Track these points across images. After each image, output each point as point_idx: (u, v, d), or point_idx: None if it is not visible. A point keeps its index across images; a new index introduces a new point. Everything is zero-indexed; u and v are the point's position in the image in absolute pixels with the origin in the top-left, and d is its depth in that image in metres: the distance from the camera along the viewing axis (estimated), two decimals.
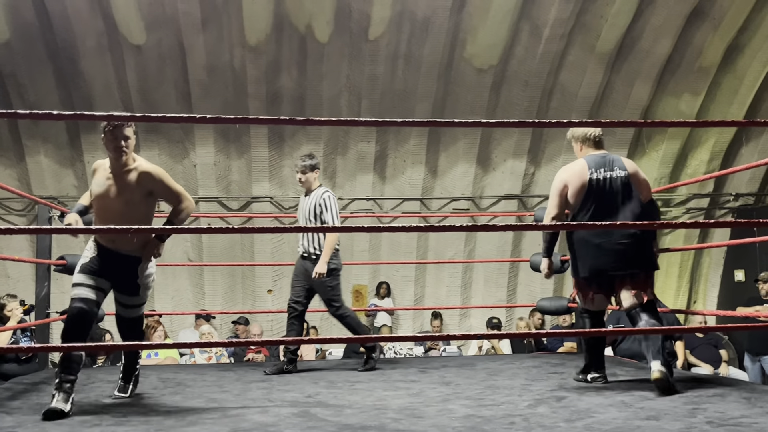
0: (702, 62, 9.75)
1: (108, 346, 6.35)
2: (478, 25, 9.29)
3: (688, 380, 4.34)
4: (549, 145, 10.27)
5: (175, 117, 2.78)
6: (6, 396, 4.21)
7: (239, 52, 9.27)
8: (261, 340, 2.79)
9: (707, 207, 10.82)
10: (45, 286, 5.53)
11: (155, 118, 2.73)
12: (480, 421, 3.25)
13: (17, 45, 8.94)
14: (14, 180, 9.59)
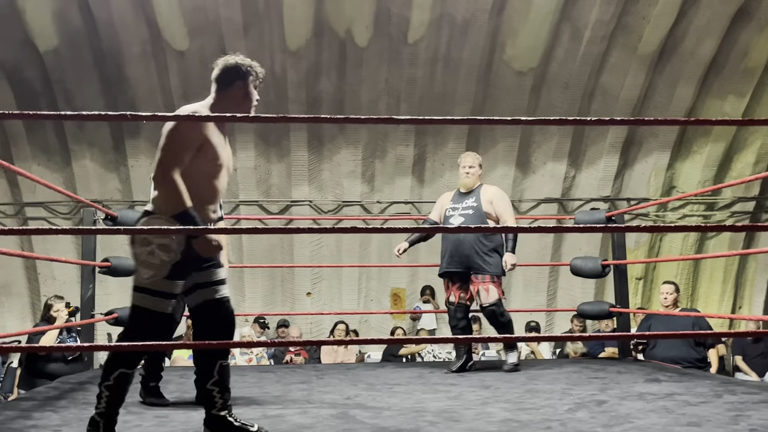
0: (748, 63, 9.57)
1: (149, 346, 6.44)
2: (517, 28, 9.25)
3: (732, 386, 4.27)
4: (590, 148, 10.17)
5: (217, 116, 2.82)
6: (53, 395, 4.31)
7: (280, 57, 9.37)
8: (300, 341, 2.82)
9: (753, 210, 10.60)
10: (90, 287, 5.63)
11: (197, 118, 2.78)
12: (517, 426, 3.23)
13: (65, 52, 9.16)
14: (60, 184, 9.81)
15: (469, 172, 5.49)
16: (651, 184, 10.37)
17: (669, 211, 10.58)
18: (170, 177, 2.94)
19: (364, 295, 10.41)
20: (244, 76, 3.25)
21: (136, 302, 2.99)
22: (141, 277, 2.96)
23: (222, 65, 3.26)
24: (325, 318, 9.89)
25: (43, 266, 9.98)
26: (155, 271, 2.94)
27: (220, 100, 3.24)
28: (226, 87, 3.24)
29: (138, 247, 2.95)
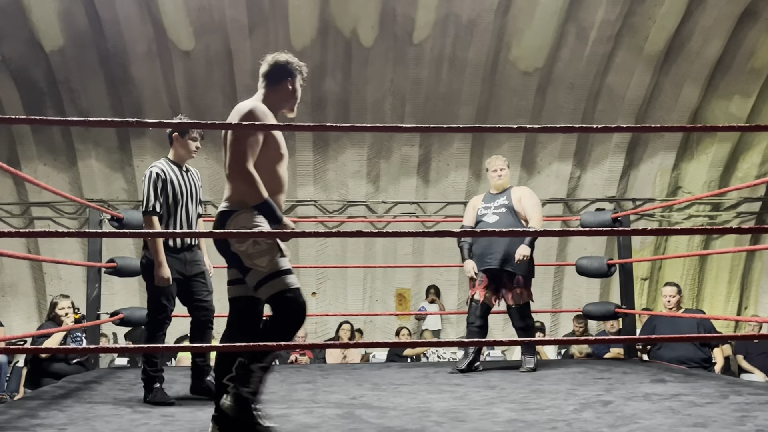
0: (754, 63, 9.54)
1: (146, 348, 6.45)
2: (523, 28, 9.24)
3: (738, 386, 4.25)
4: (595, 148, 10.15)
5: (220, 124, 2.83)
6: (59, 394, 4.32)
7: None
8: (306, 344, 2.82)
9: (758, 211, 10.57)
10: (96, 287, 5.65)
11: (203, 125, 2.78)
12: (522, 426, 3.23)
13: (70, 51, 9.18)
14: (66, 183, 9.84)
15: (501, 174, 5.62)
16: (656, 185, 10.35)
17: (675, 211, 10.56)
18: (246, 170, 3.02)
19: (369, 295, 10.41)
20: (293, 73, 3.34)
21: (279, 288, 2.99)
22: (261, 267, 3.00)
23: (272, 62, 3.33)
24: (330, 318, 9.90)
25: (49, 266, 10.01)
26: (269, 255, 3.01)
27: (270, 95, 3.31)
28: (276, 83, 3.32)
29: (240, 245, 3.02)
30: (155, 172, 4.20)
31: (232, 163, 3.05)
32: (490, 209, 5.53)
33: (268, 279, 3.00)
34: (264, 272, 3.00)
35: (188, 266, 4.30)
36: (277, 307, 3.03)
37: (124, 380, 4.94)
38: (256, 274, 3.02)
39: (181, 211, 4.27)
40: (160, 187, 4.18)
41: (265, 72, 3.33)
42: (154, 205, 4.15)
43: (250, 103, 3.22)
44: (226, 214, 3.11)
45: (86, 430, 3.27)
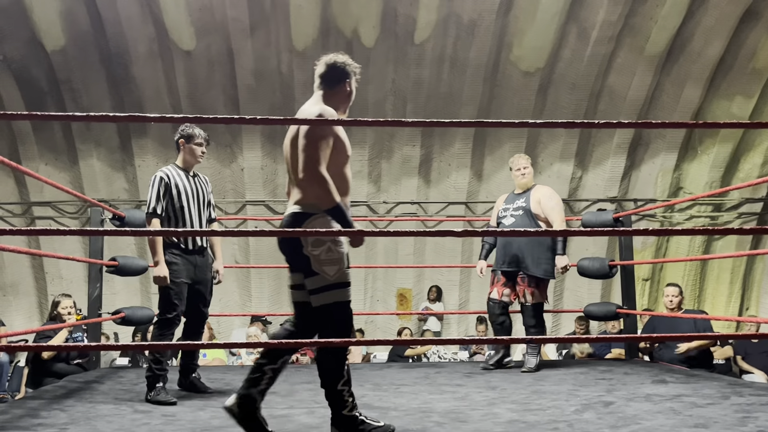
0: (755, 64, 9.53)
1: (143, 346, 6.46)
2: (524, 28, 9.23)
3: (740, 387, 4.25)
4: (597, 149, 10.15)
5: (224, 118, 2.84)
6: (60, 393, 4.32)
7: (287, 57, 9.38)
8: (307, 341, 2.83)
9: (760, 212, 10.56)
10: (97, 286, 5.65)
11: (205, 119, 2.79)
12: (524, 426, 3.23)
13: (72, 51, 9.18)
14: (67, 183, 9.84)
15: (525, 173, 5.64)
16: (658, 185, 10.35)
17: (676, 212, 10.55)
18: (320, 174, 3.03)
19: (370, 295, 10.41)
20: (350, 74, 3.39)
21: (336, 299, 3.07)
22: (328, 275, 3.05)
23: (329, 64, 3.37)
24: None
25: (51, 265, 10.01)
26: (339, 265, 3.06)
27: (329, 96, 3.32)
28: (335, 85, 3.36)
29: (314, 249, 3.04)
30: (159, 176, 4.33)
31: (306, 167, 3.04)
32: (509, 211, 5.58)
33: (330, 288, 3.06)
34: (330, 281, 3.05)
35: (197, 271, 4.41)
36: (330, 317, 3.07)
37: (125, 380, 4.94)
38: (320, 280, 3.05)
39: (187, 215, 4.36)
40: (163, 190, 4.28)
41: (322, 73, 3.35)
42: (155, 207, 4.27)
43: (316, 107, 3.21)
44: (301, 216, 3.11)
45: (87, 429, 3.27)
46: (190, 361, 4.48)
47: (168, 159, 9.53)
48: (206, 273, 4.50)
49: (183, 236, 4.32)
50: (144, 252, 9.57)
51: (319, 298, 3.07)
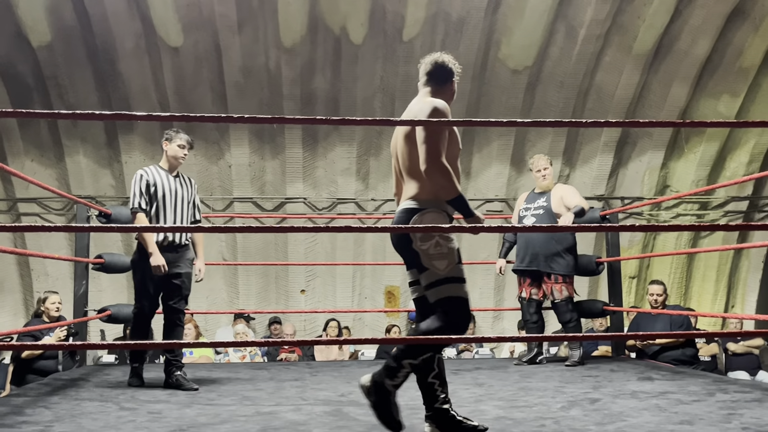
0: (742, 63, 9.59)
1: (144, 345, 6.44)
2: (513, 26, 9.24)
3: (725, 384, 4.28)
4: (584, 147, 10.19)
5: (212, 117, 2.82)
6: (45, 391, 4.29)
7: (274, 54, 9.35)
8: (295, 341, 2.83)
9: (746, 210, 10.63)
10: (83, 284, 5.62)
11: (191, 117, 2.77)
12: (510, 423, 3.24)
13: (58, 47, 9.12)
14: (54, 180, 9.78)
15: (545, 174, 5.69)
16: (645, 183, 10.40)
17: (663, 210, 10.61)
18: (443, 164, 3.00)
19: (358, 292, 10.40)
20: (454, 73, 3.40)
21: (450, 293, 3.00)
22: (438, 269, 3.00)
23: (438, 62, 3.38)
24: (319, 315, 9.89)
25: (36, 263, 9.95)
26: (449, 259, 3.01)
27: (436, 94, 3.30)
28: (443, 83, 3.35)
29: (423, 243, 3.00)
30: (140, 174, 4.53)
31: (428, 158, 2.99)
32: (530, 210, 5.64)
33: (442, 282, 3.01)
34: (440, 275, 3.01)
35: (169, 266, 4.48)
36: (443, 312, 3.02)
37: (111, 377, 4.92)
38: (431, 275, 3.02)
39: (162, 214, 4.49)
40: (144, 187, 4.46)
41: (429, 71, 3.36)
42: (139, 202, 4.45)
43: (429, 100, 3.20)
44: (412, 212, 3.08)
45: (73, 427, 3.25)
46: (170, 356, 4.52)
47: (155, 156, 9.49)
48: (179, 268, 4.56)
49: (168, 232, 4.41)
50: (130, 249, 9.52)
51: (433, 293, 3.04)
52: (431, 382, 3.05)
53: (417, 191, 3.09)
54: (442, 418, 3.07)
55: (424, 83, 3.35)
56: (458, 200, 3.03)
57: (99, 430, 3.19)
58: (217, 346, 4.95)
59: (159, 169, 4.58)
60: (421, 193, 3.08)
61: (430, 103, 3.15)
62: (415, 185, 3.10)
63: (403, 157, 3.16)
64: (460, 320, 3.01)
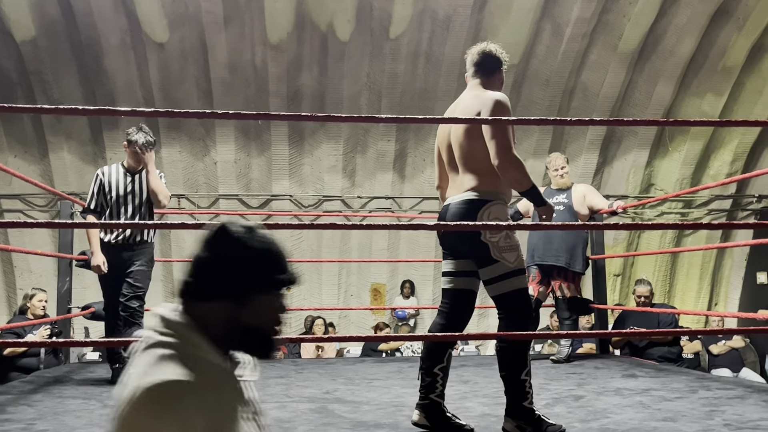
0: (726, 62, 9.66)
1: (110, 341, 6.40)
2: (499, 24, 9.26)
3: (708, 381, 4.31)
4: (570, 145, 10.22)
5: (198, 112, 2.80)
6: (28, 389, 4.26)
7: (261, 51, 9.32)
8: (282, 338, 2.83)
9: (729, 208, 10.71)
10: (66, 281, 5.58)
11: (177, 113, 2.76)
12: (495, 420, 3.24)
13: (42, 42, 9.04)
14: (37, 176, 9.70)
15: (563, 173, 5.68)
16: (630, 182, 10.45)
17: (647, 208, 10.67)
18: (516, 158, 3.02)
19: (344, 290, 10.40)
20: (502, 63, 3.41)
21: (518, 286, 3.03)
22: (509, 262, 3.02)
23: (486, 52, 3.37)
24: (304, 313, 9.87)
25: (20, 259, 9.87)
26: (517, 251, 3.05)
27: (487, 84, 3.31)
28: (491, 73, 3.36)
29: (494, 236, 3.01)
30: (97, 173, 4.64)
31: (500, 152, 2.99)
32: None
33: (511, 275, 3.02)
34: (511, 267, 3.02)
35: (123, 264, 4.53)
36: (513, 304, 3.04)
37: (95, 375, 4.89)
38: (500, 268, 3.02)
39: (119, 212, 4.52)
40: (97, 188, 4.56)
41: (478, 62, 3.34)
42: (89, 203, 4.57)
43: (488, 93, 3.18)
44: (478, 203, 3.06)
45: (56, 425, 3.23)
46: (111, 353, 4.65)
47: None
48: (135, 265, 4.55)
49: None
50: None
51: (498, 286, 3.03)
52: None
53: (478, 183, 3.09)
54: (433, 410, 3.06)
55: (473, 74, 3.33)
56: (533, 190, 3.06)
57: (82, 427, 3.17)
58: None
59: (120, 168, 4.64)
60: (484, 185, 3.08)
61: (491, 97, 3.13)
62: (475, 177, 3.09)
63: (462, 150, 3.13)
64: (528, 310, 3.07)
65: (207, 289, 1.38)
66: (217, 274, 1.38)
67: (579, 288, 5.65)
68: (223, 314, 1.38)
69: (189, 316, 1.38)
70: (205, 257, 1.40)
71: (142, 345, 1.36)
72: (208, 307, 1.38)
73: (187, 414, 1.25)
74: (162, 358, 1.31)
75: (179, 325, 1.37)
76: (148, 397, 1.24)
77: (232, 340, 1.40)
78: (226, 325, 1.38)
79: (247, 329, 1.40)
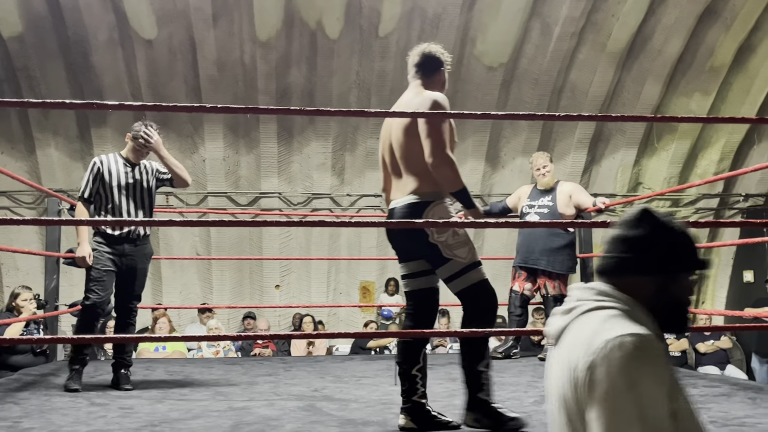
0: (713, 62, 9.71)
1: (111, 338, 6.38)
2: (488, 23, 9.28)
3: (694, 379, 4.33)
4: (558, 144, 10.25)
5: (185, 106, 2.79)
6: (14, 387, 4.24)
7: (249, 48, 9.29)
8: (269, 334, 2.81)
9: (717, 207, 10.78)
10: (54, 278, 5.55)
11: (164, 107, 2.74)
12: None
13: (29, 38, 8.98)
14: (24, 173, 9.64)
15: (545, 172, 5.67)
16: (618, 180, 10.50)
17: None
18: (449, 157, 3.02)
19: (333, 288, 10.39)
20: (444, 63, 3.32)
21: (474, 279, 3.03)
22: (461, 258, 3.01)
23: (425, 53, 3.29)
24: (293, 311, 9.87)
25: (6, 257, 9.81)
26: (468, 245, 3.05)
27: (428, 85, 3.25)
28: (432, 74, 3.28)
29: (441, 235, 3.00)
30: (94, 160, 4.42)
31: (434, 151, 3.00)
32: (534, 208, 5.60)
33: (466, 270, 3.02)
34: (464, 263, 3.02)
35: (124, 259, 4.32)
36: (474, 299, 3.05)
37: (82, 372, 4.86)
38: (454, 265, 3.02)
39: (117, 202, 4.32)
40: (93, 175, 4.34)
41: (418, 63, 3.29)
42: (83, 191, 4.31)
43: (427, 94, 3.15)
44: (421, 205, 3.05)
45: (42, 423, 3.21)
46: (119, 355, 4.35)
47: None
48: (136, 263, 4.37)
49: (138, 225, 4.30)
50: None
51: (457, 283, 3.04)
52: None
53: (419, 185, 3.08)
54: (418, 412, 3.07)
55: (413, 75, 3.30)
56: (463, 192, 3.06)
57: (69, 425, 3.15)
58: (193, 340, 4.90)
59: (118, 158, 4.47)
60: (425, 186, 3.07)
61: (429, 97, 3.12)
62: (416, 179, 3.09)
63: (402, 150, 3.12)
64: (491, 303, 3.08)
65: (641, 263, 1.51)
66: (651, 251, 1.51)
67: (566, 286, 5.67)
68: (654, 287, 1.51)
69: (618, 289, 1.52)
70: (636, 236, 1.53)
71: (575, 311, 1.52)
72: (639, 281, 1.52)
73: (662, 363, 1.39)
74: (615, 317, 1.45)
75: (617, 294, 1.51)
76: (632, 344, 1.36)
77: (659, 311, 1.52)
78: (654, 297, 1.51)
79: (673, 302, 1.53)
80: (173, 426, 3.14)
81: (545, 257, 5.48)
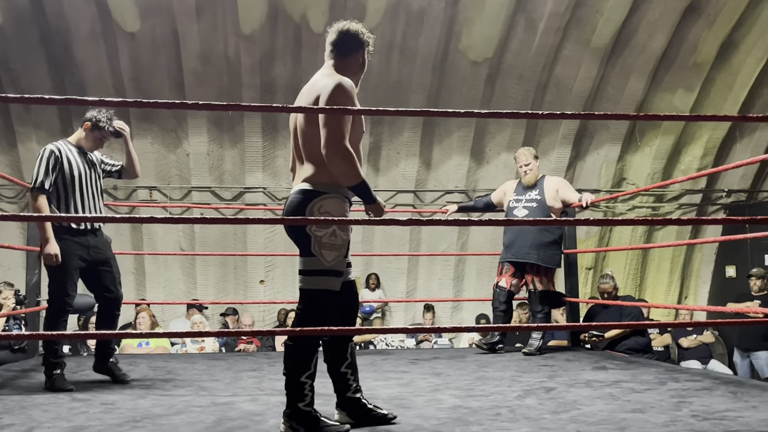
0: (697, 58, 9.76)
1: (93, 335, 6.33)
2: (473, 18, 9.27)
3: (677, 373, 4.36)
4: (543, 139, 10.28)
5: (169, 103, 2.76)
6: None
7: (233, 41, 9.24)
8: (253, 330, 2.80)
9: (699, 203, 10.85)
10: (36, 273, 5.50)
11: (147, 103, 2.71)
12: (466, 412, 3.25)
13: (10, 30, 8.88)
14: (6, 167, 9.56)
15: (527, 170, 5.68)
16: (602, 176, 10.54)
17: (619, 202, 10.77)
18: (346, 148, 2.83)
19: None
20: (363, 44, 3.15)
21: (327, 286, 2.90)
22: (325, 260, 2.87)
23: (342, 31, 3.12)
24: (278, 306, 9.84)
25: None
26: (338, 252, 2.89)
27: (341, 67, 3.10)
28: (346, 55, 3.12)
29: (320, 230, 2.86)
30: (50, 149, 4.16)
31: (330, 142, 2.82)
32: (521, 202, 5.63)
33: (324, 274, 2.90)
34: (326, 266, 2.89)
35: (91, 251, 4.22)
36: (311, 304, 2.94)
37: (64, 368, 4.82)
38: (315, 263, 2.89)
39: (78, 194, 4.18)
40: (52, 165, 4.10)
41: (334, 41, 3.12)
42: (42, 181, 4.06)
43: (332, 78, 2.98)
44: (311, 194, 2.90)
45: (23, 419, 3.18)
46: (106, 346, 4.30)
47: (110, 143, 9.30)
48: (103, 253, 4.26)
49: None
50: None
51: (308, 281, 2.92)
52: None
53: (314, 173, 2.92)
54: (353, 406, 3.06)
55: (328, 54, 3.13)
56: (361, 186, 2.89)
57: (50, 421, 3.13)
58: (177, 336, 4.86)
59: (69, 146, 4.29)
60: (320, 176, 2.91)
61: (333, 81, 2.94)
62: (313, 167, 2.93)
63: (303, 136, 2.96)
64: (327, 314, 2.93)
65: None
66: None
67: (552, 281, 5.69)
68: None
69: None
70: None
71: None
72: None
73: None
74: None
75: None
76: None
77: None
78: None
79: None
80: (155, 422, 3.12)
81: (536, 251, 5.50)
